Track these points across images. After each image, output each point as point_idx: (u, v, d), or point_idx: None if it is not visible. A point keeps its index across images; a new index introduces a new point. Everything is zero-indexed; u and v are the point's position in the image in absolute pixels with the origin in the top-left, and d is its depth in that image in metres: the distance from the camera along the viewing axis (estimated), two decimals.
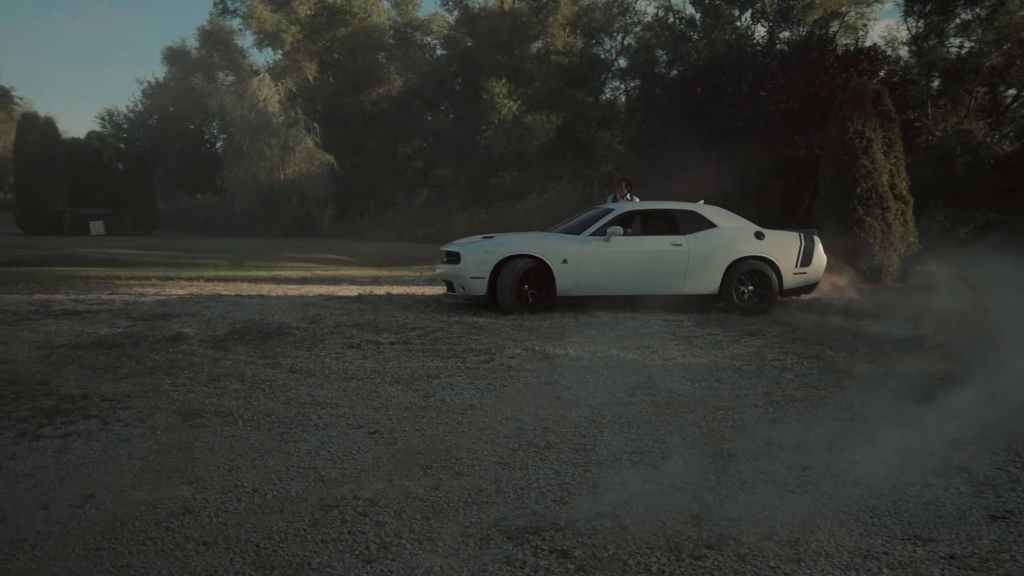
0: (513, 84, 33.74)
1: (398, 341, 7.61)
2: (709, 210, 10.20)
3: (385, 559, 3.02)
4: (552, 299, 9.54)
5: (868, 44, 24.32)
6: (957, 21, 24.83)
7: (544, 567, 2.96)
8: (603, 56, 39.19)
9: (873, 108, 13.79)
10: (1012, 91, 24.88)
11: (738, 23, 29.48)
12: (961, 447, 4.38)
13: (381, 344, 7.44)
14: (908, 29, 26.48)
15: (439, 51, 42.76)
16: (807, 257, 9.99)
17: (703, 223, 9.93)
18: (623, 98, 38.32)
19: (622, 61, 38.58)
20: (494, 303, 9.47)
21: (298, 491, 3.70)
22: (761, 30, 28.81)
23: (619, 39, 38.67)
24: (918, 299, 10.61)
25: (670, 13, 32.35)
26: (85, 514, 3.41)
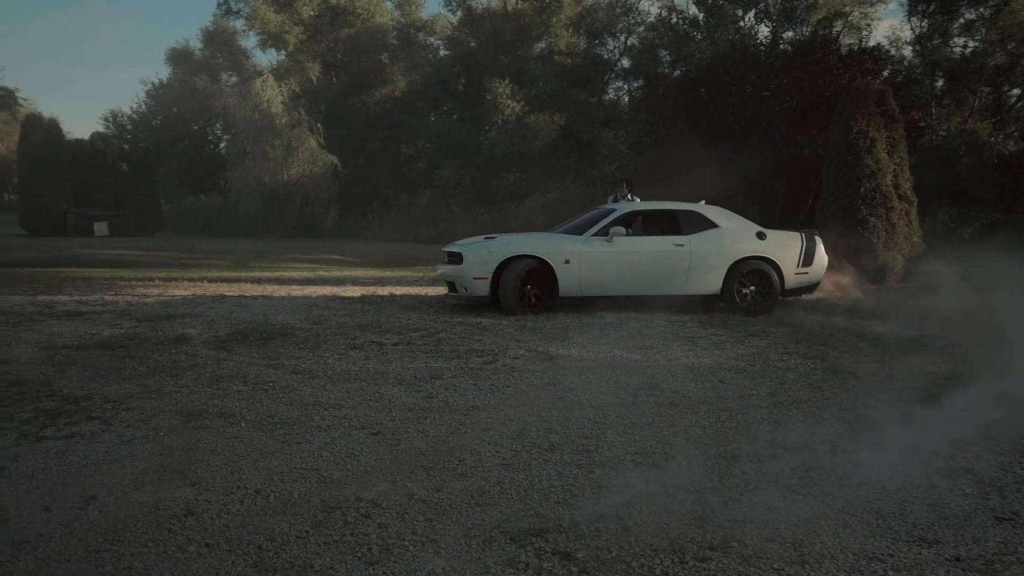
0: (516, 84, 33.73)
1: (401, 342, 7.60)
2: (710, 210, 10.18)
3: (387, 561, 3.01)
4: (554, 300, 9.53)
5: (872, 44, 24.22)
6: (961, 21, 24.76)
7: (547, 569, 2.95)
8: (606, 56, 39.16)
9: (877, 108, 13.75)
10: (1016, 91, 24.80)
11: (741, 23, 29.44)
12: (966, 448, 4.36)
13: (384, 345, 7.43)
14: (912, 29, 26.44)
15: (442, 52, 42.79)
16: (809, 257, 9.98)
17: (705, 223, 9.92)
18: (626, 98, 38.28)
19: (625, 61, 38.58)
20: (496, 304, 9.46)
21: (300, 493, 3.69)
22: (764, 30, 28.77)
23: (622, 39, 38.66)
24: (922, 299, 10.57)
25: (673, 13, 32.32)
26: (87, 516, 3.41)
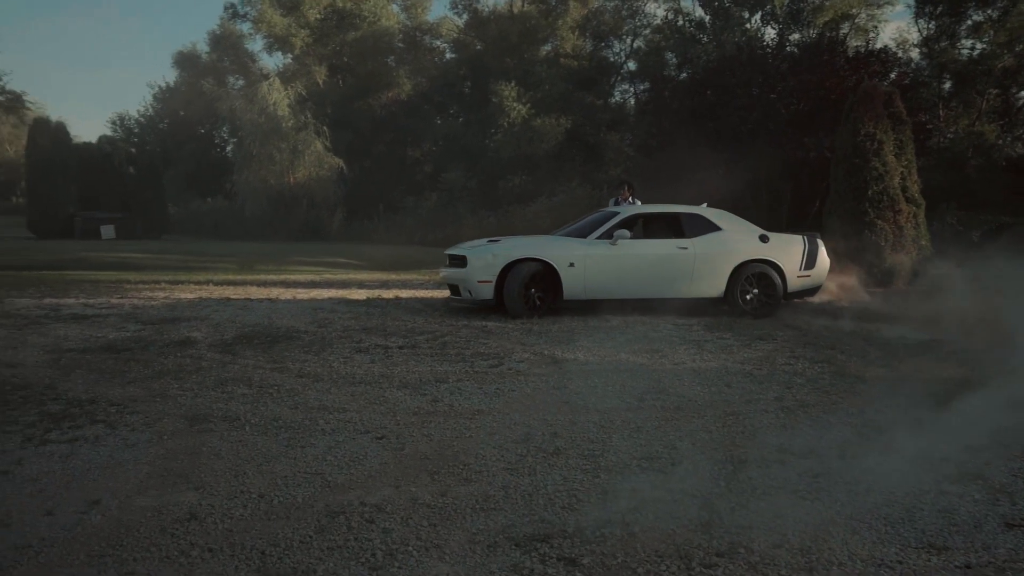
0: (522, 87, 33.73)
1: (406, 345, 7.58)
2: (713, 213, 10.16)
3: (391, 566, 2.99)
4: (559, 303, 9.50)
5: (879, 46, 24.20)
6: (968, 23, 24.69)
7: (552, 575, 2.93)
8: (612, 59, 39.13)
9: (884, 110, 13.70)
10: None
11: (748, 25, 29.40)
12: (976, 453, 4.32)
13: (389, 348, 7.42)
14: (919, 31, 26.37)
15: (448, 54, 42.84)
16: (811, 260, 9.98)
17: (708, 226, 9.90)
18: (632, 101, 38.26)
19: (631, 64, 38.53)
20: (500, 307, 9.43)
21: (304, 497, 3.68)
22: (771, 32, 28.71)
23: (628, 42, 38.63)
24: (930, 302, 10.52)
25: (679, 16, 32.29)
26: (90, 520, 3.39)
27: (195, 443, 4.46)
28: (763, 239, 9.92)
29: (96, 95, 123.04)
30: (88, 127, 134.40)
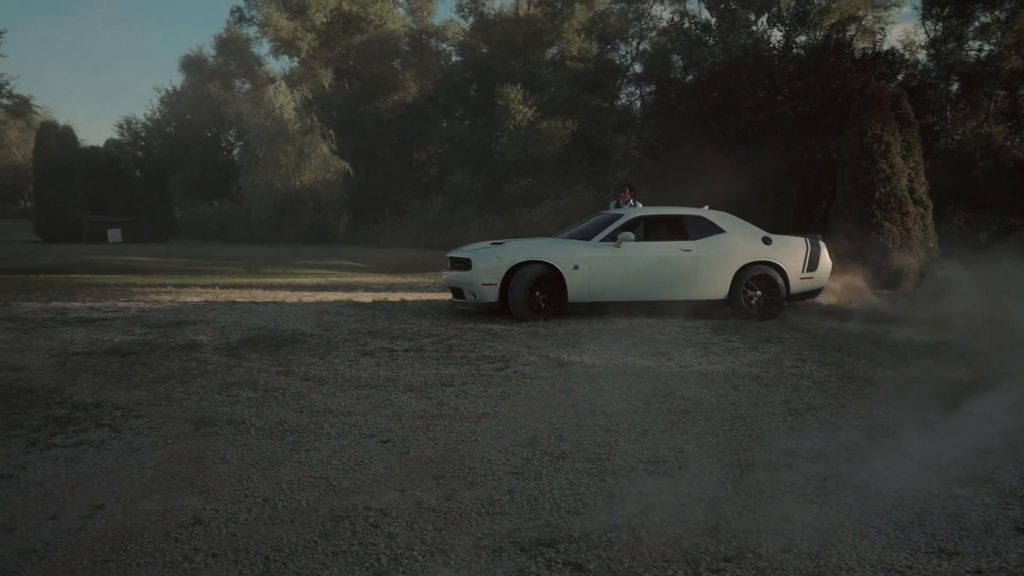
0: (528, 90, 33.74)
1: (412, 348, 7.57)
2: (715, 215, 10.15)
3: (396, 572, 2.97)
4: (563, 305, 9.47)
5: (886, 48, 24.07)
6: (976, 24, 24.61)
7: None
8: (618, 61, 39.14)
9: (891, 112, 13.67)
10: None
11: (754, 27, 29.37)
12: (986, 456, 4.28)
13: (395, 351, 7.40)
14: (926, 32, 26.30)
15: (454, 57, 42.88)
16: (813, 262, 9.98)
17: (711, 228, 9.89)
18: (638, 103, 38.25)
19: (637, 66, 38.52)
20: (505, 310, 9.40)
21: (309, 501, 3.66)
22: (777, 34, 28.70)
23: (634, 44, 38.61)
24: (938, 304, 10.46)
25: (686, 18, 32.32)
26: (94, 525, 3.38)
27: (200, 447, 4.45)
28: (766, 241, 9.92)
29: (103, 98, 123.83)
30: (95, 131, 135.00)
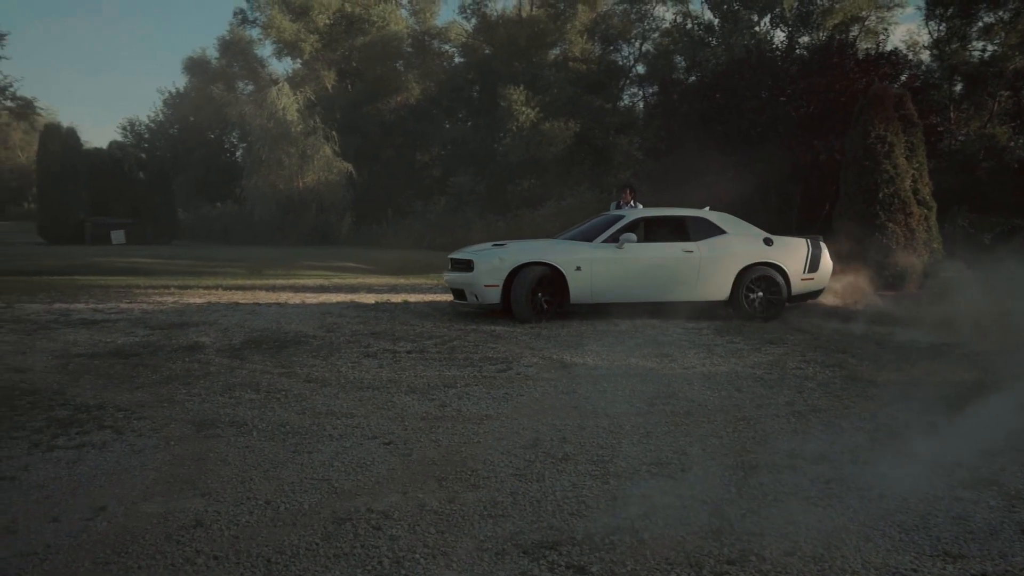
0: (531, 91, 33.74)
1: (415, 350, 7.56)
2: (716, 216, 10.16)
3: (398, 574, 2.95)
4: (565, 307, 9.46)
5: (889, 48, 24.10)
6: (979, 24, 24.55)
7: None
8: (621, 63, 39.13)
9: (895, 112, 13.64)
10: None
11: (757, 28, 29.33)
12: (991, 458, 4.26)
13: (398, 353, 7.39)
14: (929, 33, 26.25)
15: (457, 59, 42.89)
16: (814, 263, 10.00)
17: (712, 229, 9.90)
18: (641, 104, 38.21)
19: (640, 67, 38.53)
20: (507, 311, 9.39)
21: (311, 503, 3.65)
22: (780, 35, 28.66)
23: (637, 45, 38.59)
24: (942, 305, 10.44)
25: (688, 19, 32.28)
26: (96, 527, 3.37)
27: (202, 449, 4.44)
28: (767, 242, 9.92)
29: (106, 100, 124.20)
30: (99, 132, 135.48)
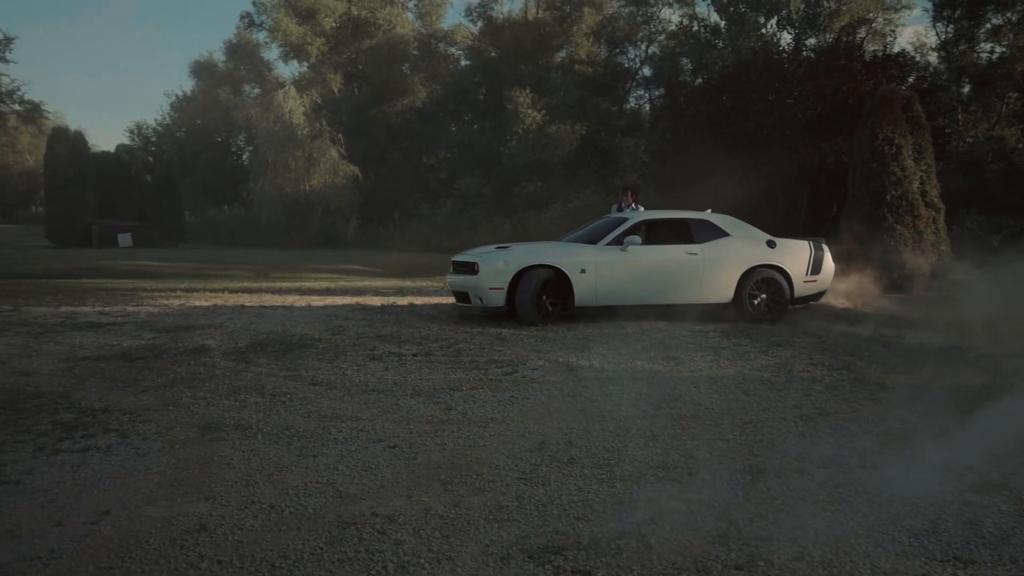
0: (537, 94, 33.76)
1: (420, 353, 7.54)
2: (719, 219, 10.16)
3: None
4: (570, 309, 9.44)
5: (896, 50, 24.00)
6: (988, 26, 24.50)
7: None
8: (627, 65, 39.16)
9: (903, 114, 13.58)
10: None
11: (764, 30, 29.31)
12: (1001, 462, 4.21)
13: (403, 356, 7.38)
14: (937, 35, 26.22)
15: (463, 62, 42.95)
16: (817, 265, 10.01)
17: (716, 232, 9.90)
18: (647, 107, 38.26)
19: (646, 70, 38.58)
20: (511, 314, 9.36)
21: (315, 507, 3.63)
22: (787, 37, 28.65)
23: (643, 48, 38.63)
24: (951, 308, 10.38)
25: (695, 21, 32.29)
26: (100, 531, 3.35)
27: (207, 452, 4.43)
28: (770, 244, 9.92)
29: (113, 102, 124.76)
30: (106, 135, 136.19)
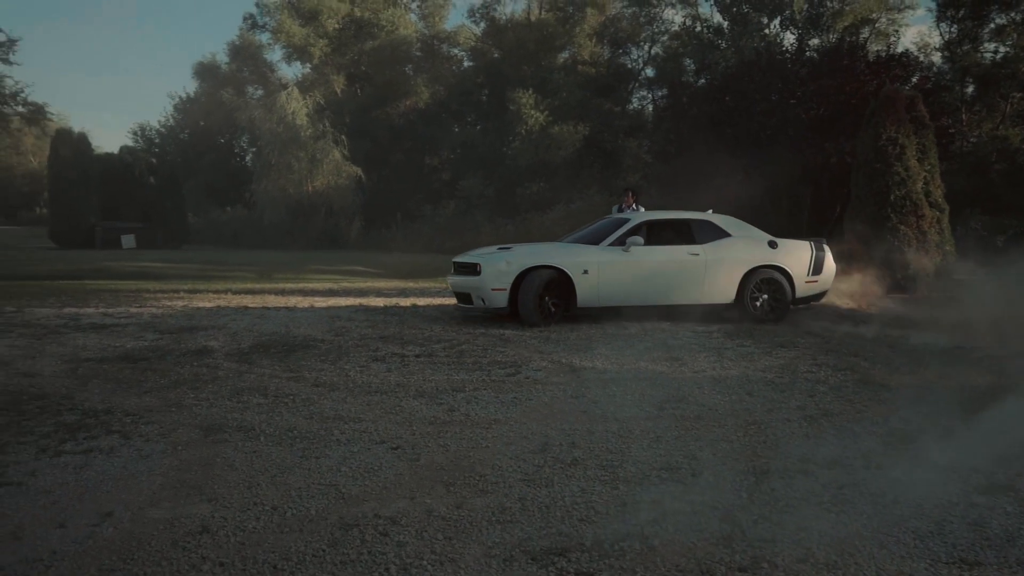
0: (540, 95, 33.75)
1: (423, 354, 7.53)
2: (721, 219, 10.16)
3: None
4: (572, 310, 9.43)
5: (900, 50, 23.94)
6: (991, 26, 24.44)
7: None
8: (630, 66, 39.13)
9: (906, 114, 13.54)
10: None
11: (767, 31, 29.27)
12: (1007, 464, 4.19)
13: (406, 357, 7.37)
14: (941, 35, 26.15)
15: (466, 63, 42.96)
16: (818, 266, 10.02)
17: (717, 232, 9.89)
18: (650, 107, 38.22)
19: (649, 70, 38.56)
20: (514, 315, 9.35)
21: (318, 509, 3.62)
22: (790, 37, 28.60)
23: (646, 48, 38.59)
24: (955, 309, 10.35)
25: (697, 22, 32.24)
26: (102, 533, 3.35)
27: (209, 454, 4.42)
28: (772, 245, 9.93)
29: (116, 103, 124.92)
30: (107, 136, 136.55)
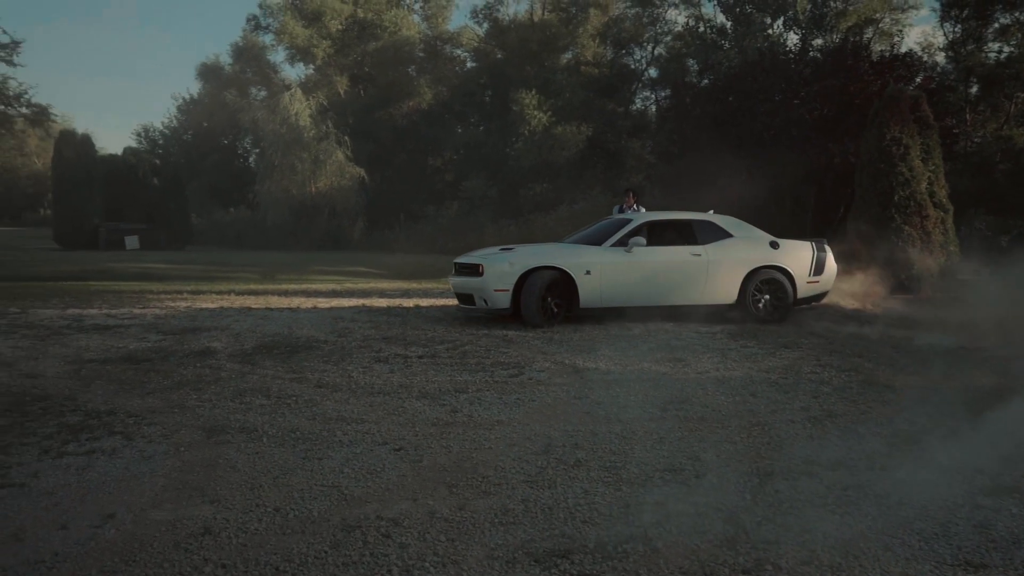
0: (543, 95, 33.70)
1: (426, 355, 7.52)
2: (722, 220, 10.16)
3: None
4: (575, 311, 9.42)
5: (904, 50, 23.89)
6: (995, 26, 24.35)
7: None
8: (633, 66, 39.04)
9: (910, 115, 13.51)
10: None
11: (770, 31, 29.21)
12: (1012, 465, 4.17)
13: (409, 358, 7.36)
14: (944, 35, 26.04)
15: (469, 63, 42.90)
16: (819, 266, 10.04)
17: (719, 233, 9.90)
18: (654, 108, 38.15)
19: (652, 71, 38.44)
20: (516, 316, 9.34)
21: (320, 511, 3.61)
22: (794, 38, 28.51)
23: (649, 49, 38.51)
24: (960, 309, 10.32)
25: (701, 22, 32.21)
26: (104, 534, 3.34)
27: (212, 455, 4.42)
28: (773, 245, 9.93)
29: (119, 104, 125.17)
30: (108, 137, 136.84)
